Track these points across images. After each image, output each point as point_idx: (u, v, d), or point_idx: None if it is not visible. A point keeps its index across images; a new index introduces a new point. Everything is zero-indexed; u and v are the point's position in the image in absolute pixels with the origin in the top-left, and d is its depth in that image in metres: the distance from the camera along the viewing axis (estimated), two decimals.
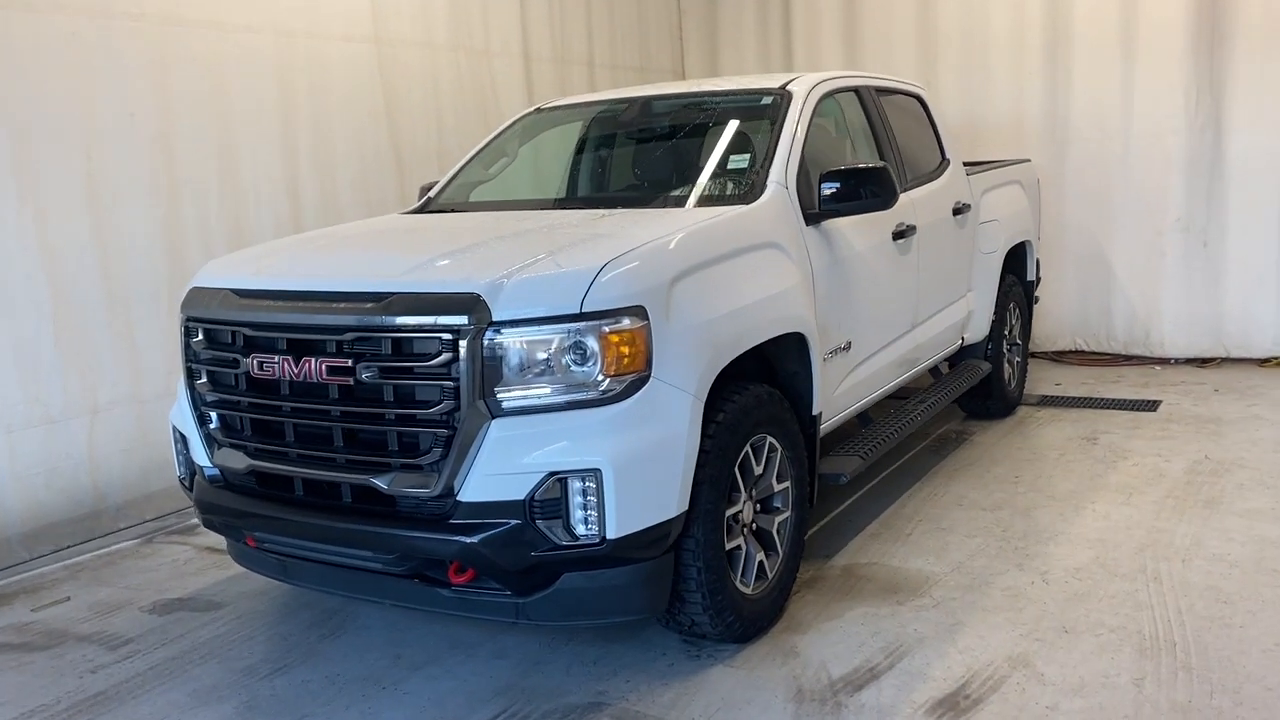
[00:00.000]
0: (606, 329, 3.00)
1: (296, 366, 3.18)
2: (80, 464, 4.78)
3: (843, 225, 4.22)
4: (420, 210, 4.72)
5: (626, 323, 3.02)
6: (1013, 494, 4.96)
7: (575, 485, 2.98)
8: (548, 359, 3.01)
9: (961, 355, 5.95)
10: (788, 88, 4.46)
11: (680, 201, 4.04)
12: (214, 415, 3.50)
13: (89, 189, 4.74)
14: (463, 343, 2.96)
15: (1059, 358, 7.99)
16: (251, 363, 3.28)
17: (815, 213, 4.05)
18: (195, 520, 5.12)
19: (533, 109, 5.12)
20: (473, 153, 4.98)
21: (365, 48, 6.04)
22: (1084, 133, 7.74)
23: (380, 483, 3.11)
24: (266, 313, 3.27)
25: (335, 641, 3.76)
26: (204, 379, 3.50)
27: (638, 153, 4.57)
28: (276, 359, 3.22)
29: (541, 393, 3.02)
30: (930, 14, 8.17)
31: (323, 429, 3.25)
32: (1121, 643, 3.44)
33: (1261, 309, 7.39)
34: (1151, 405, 6.53)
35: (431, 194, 4.82)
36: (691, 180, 4.19)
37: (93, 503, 4.84)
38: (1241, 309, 7.45)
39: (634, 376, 3.04)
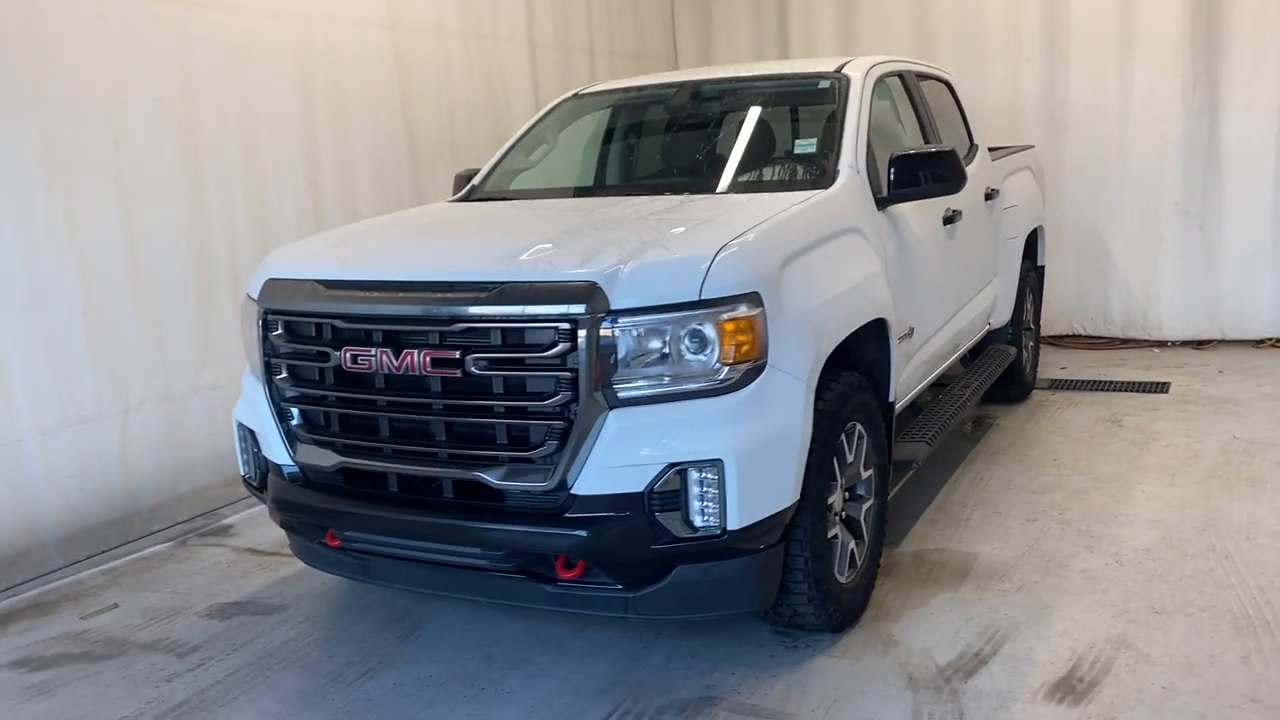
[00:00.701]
0: (724, 316, 2.93)
1: (396, 359, 3.06)
2: (112, 466, 4.59)
3: (905, 210, 4.20)
4: (466, 199, 4.60)
5: (743, 309, 2.96)
6: (1058, 477, 4.99)
7: (694, 476, 2.92)
8: (665, 348, 2.93)
9: (986, 340, 5.97)
10: (844, 71, 4.41)
11: (755, 187, 3.99)
12: (296, 411, 3.37)
13: (117, 178, 4.54)
14: (581, 332, 2.88)
15: (1057, 342, 8.08)
16: (344, 356, 3.15)
17: (884, 197, 4.02)
18: (228, 520, 5.00)
19: (570, 94, 5.02)
20: (513, 140, 4.87)
21: (380, 33, 5.88)
22: (1082, 119, 7.82)
23: (490, 477, 3.02)
24: (362, 304, 3.14)
25: (416, 642, 3.65)
26: (284, 374, 3.36)
27: (696, 138, 4.49)
28: (373, 352, 3.10)
29: (659, 382, 2.95)
30: (925, 1, 8.19)
31: (422, 423, 3.14)
32: (1216, 622, 3.46)
33: (1257, 291, 7.54)
34: (1162, 387, 6.63)
35: (475, 181, 4.70)
36: (760, 165, 4.13)
37: (125, 505, 4.65)
38: (1237, 291, 7.60)
39: (750, 365, 2.98)
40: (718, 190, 4.00)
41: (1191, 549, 4.06)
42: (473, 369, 2.98)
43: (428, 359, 3.03)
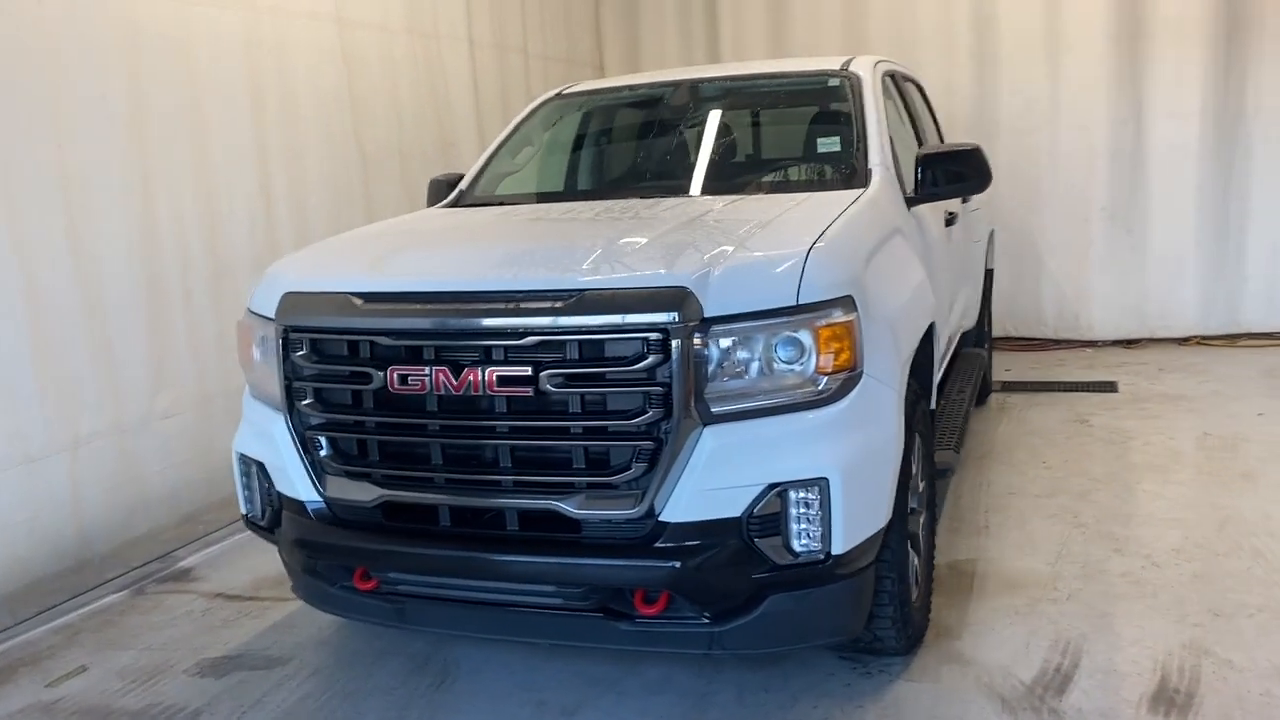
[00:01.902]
0: (820, 322, 2.71)
1: (455, 378, 2.73)
2: (63, 508, 4.06)
3: (924, 211, 4.08)
4: (456, 204, 4.26)
5: (838, 314, 2.75)
6: (1054, 479, 4.96)
7: (796, 497, 2.69)
8: (759, 357, 2.70)
9: (960, 344, 5.93)
10: (851, 69, 4.27)
11: (784, 187, 3.80)
12: (324, 440, 2.98)
13: (62, 183, 4.03)
14: (674, 343, 2.61)
15: (993, 344, 8.16)
16: (390, 377, 2.80)
17: (911, 197, 3.88)
18: (185, 564, 4.52)
19: (553, 94, 4.73)
20: (498, 142, 4.55)
21: (328, 28, 5.46)
22: (1013, 125, 7.95)
23: (566, 506, 2.72)
24: (412, 318, 2.79)
25: (451, 691, 3.30)
26: (310, 399, 2.97)
27: (713, 137, 4.25)
28: (426, 371, 2.76)
29: (754, 395, 2.70)
30: (858, 5, 8.20)
31: (482, 449, 2.82)
32: (1278, 621, 3.43)
33: (1182, 291, 7.79)
34: (1110, 386, 6.74)
35: (463, 186, 4.36)
36: (785, 165, 3.95)
37: (77, 552, 4.12)
38: (1164, 292, 7.83)
39: (847, 374, 2.76)
40: (751, 190, 3.79)
41: (1220, 547, 4.04)
42: (547, 386, 2.68)
43: (493, 376, 2.71)
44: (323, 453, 2.99)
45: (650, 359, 2.63)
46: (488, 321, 2.73)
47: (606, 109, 4.65)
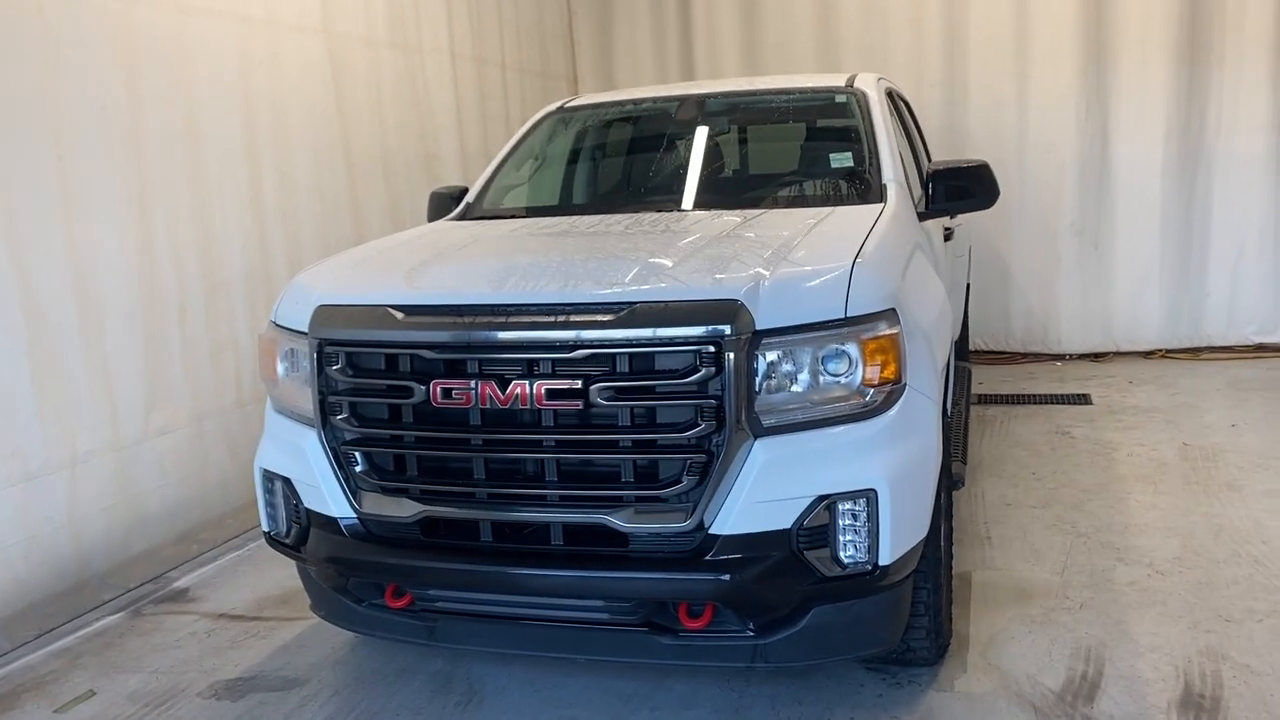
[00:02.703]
0: (866, 335, 2.73)
1: (502, 392, 2.70)
2: (61, 527, 3.93)
3: (930, 226, 4.14)
4: (464, 217, 4.23)
5: (884, 326, 2.77)
6: (1047, 490, 5.04)
7: (844, 508, 2.71)
8: (808, 370, 2.71)
9: None
10: (855, 85, 4.33)
11: (801, 201, 3.83)
12: (359, 455, 2.93)
13: (62, 195, 3.92)
14: (728, 355, 2.61)
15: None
16: (433, 391, 2.76)
17: (922, 212, 3.94)
18: (180, 584, 4.41)
19: (555, 107, 4.73)
20: (503, 154, 4.53)
21: (316, 40, 5.39)
22: (981, 143, 8.07)
23: (616, 520, 2.70)
24: (457, 331, 2.76)
25: (481, 710, 3.26)
26: (345, 413, 2.92)
27: (723, 152, 4.28)
28: (471, 385, 2.73)
29: (803, 408, 2.72)
30: (830, 25, 8.30)
31: (527, 463, 2.79)
32: None
33: (1147, 306, 7.98)
34: (1084, 399, 6.87)
35: (470, 199, 4.32)
36: (799, 179, 3.98)
37: (75, 573, 4.00)
38: (1129, 306, 8.02)
39: (892, 385, 2.79)
40: (771, 205, 3.81)
41: (1219, 555, 4.14)
42: (598, 399, 2.66)
43: (542, 390, 2.68)
44: (358, 468, 2.94)
45: (703, 372, 2.63)
46: (537, 334, 2.71)
47: (612, 123, 4.65)
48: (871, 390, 2.75)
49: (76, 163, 3.98)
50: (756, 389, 2.67)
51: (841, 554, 2.72)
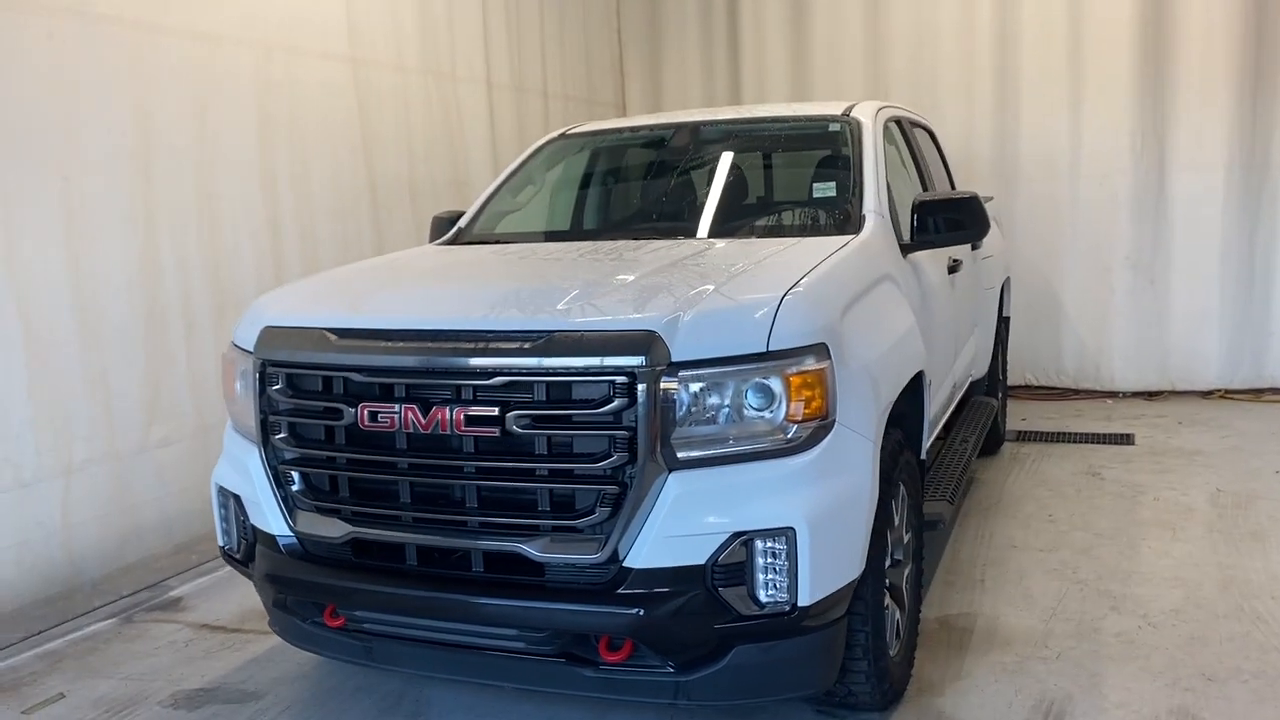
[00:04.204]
0: (791, 370, 2.68)
1: (424, 417, 2.73)
2: (53, 534, 4.09)
3: (922, 258, 4.04)
4: (453, 242, 4.29)
5: (811, 362, 2.71)
6: (1058, 533, 4.86)
7: (761, 546, 2.65)
8: (728, 404, 2.67)
9: (969, 392, 5.86)
10: (852, 115, 4.26)
11: (776, 231, 3.79)
12: (296, 475, 2.99)
13: (66, 215, 4.10)
14: (640, 386, 2.59)
15: (1011, 392, 8.05)
16: (360, 413, 2.80)
17: (907, 244, 3.85)
18: (176, 593, 4.52)
19: (556, 134, 4.76)
20: (499, 181, 4.58)
21: (342, 68, 5.55)
22: (1033, 173, 7.89)
23: (531, 549, 2.69)
24: (383, 355, 2.80)
25: None
26: (284, 433, 2.98)
27: (708, 180, 4.25)
28: (395, 408, 2.76)
29: (721, 442, 2.67)
30: (880, 54, 8.21)
31: (450, 489, 2.80)
32: (1273, 688, 3.32)
33: (1205, 343, 7.65)
34: (1127, 439, 6.61)
35: (461, 224, 4.38)
36: (778, 209, 3.94)
37: (66, 579, 4.15)
38: (1187, 343, 7.69)
39: (819, 422, 2.72)
40: (739, 235, 3.78)
41: (1220, 609, 3.93)
42: (514, 427, 2.66)
43: (461, 416, 2.70)
44: (295, 487, 3.00)
45: (616, 402, 2.61)
46: (457, 361, 2.72)
47: (606, 150, 4.66)
48: (795, 426, 2.69)
49: (81, 182, 4.15)
50: (674, 421, 2.63)
51: (759, 593, 2.66)
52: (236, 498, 3.19)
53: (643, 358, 2.59)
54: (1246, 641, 3.66)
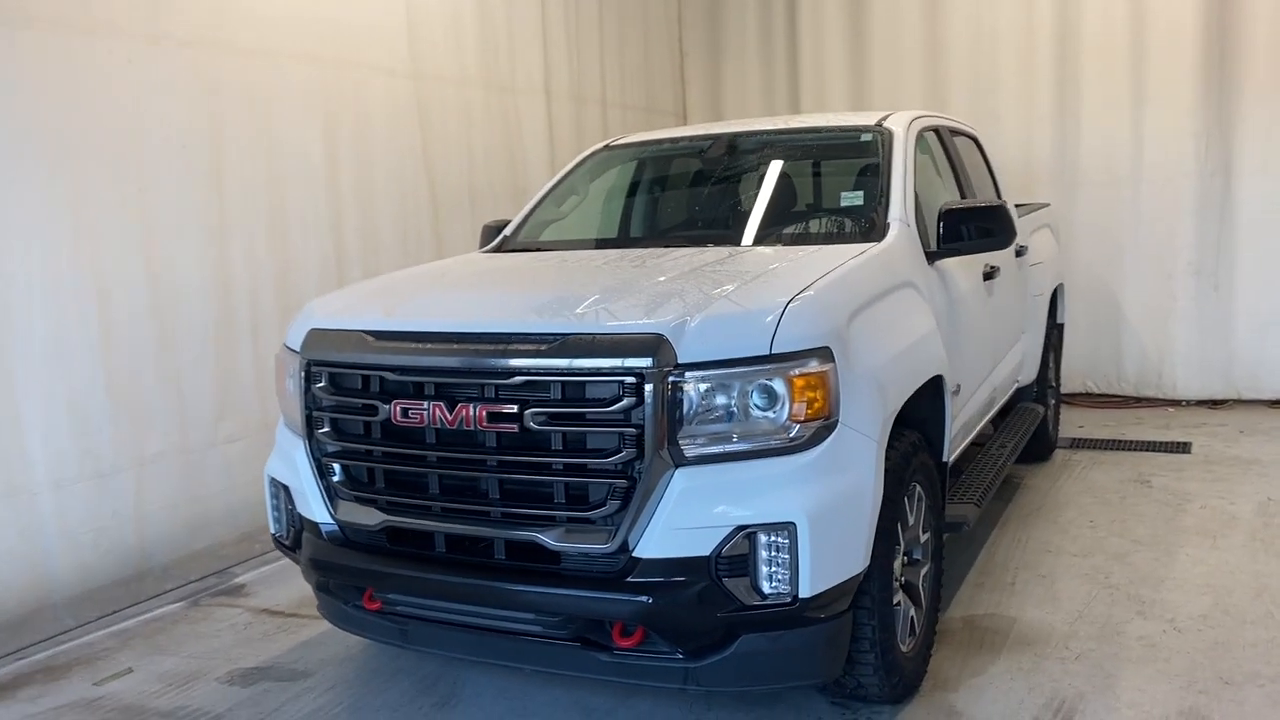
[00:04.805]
0: (794, 372, 2.81)
1: (450, 413, 2.93)
2: (126, 521, 4.40)
3: (951, 265, 4.12)
4: (499, 249, 4.50)
5: (814, 365, 2.84)
6: (1096, 539, 4.88)
7: (764, 540, 2.78)
8: (734, 404, 2.81)
9: (1015, 399, 5.88)
10: (885, 125, 4.36)
11: (803, 239, 3.91)
12: (337, 467, 3.22)
13: (143, 225, 4.42)
14: (647, 386, 2.75)
15: (1070, 400, 8.00)
16: (393, 410, 3.01)
17: (933, 251, 3.94)
18: (240, 579, 4.81)
19: (601, 145, 4.95)
20: (545, 190, 4.78)
21: (404, 82, 5.82)
22: (1094, 176, 7.83)
23: (546, 538, 2.87)
24: (414, 356, 3.01)
25: (452, 712, 3.48)
26: (327, 428, 3.21)
27: (738, 190, 4.40)
28: (425, 405, 2.97)
29: (727, 440, 2.82)
30: (939, 58, 8.23)
31: (475, 481, 3.00)
32: None
33: (1272, 351, 7.51)
34: (1184, 447, 6.55)
35: (507, 233, 4.59)
36: (807, 218, 4.06)
37: (138, 563, 4.46)
38: (1253, 351, 7.56)
39: (821, 422, 2.85)
40: (765, 243, 3.92)
41: (1250, 615, 3.94)
42: (531, 424, 2.85)
43: (483, 413, 2.89)
44: (336, 478, 3.22)
45: (625, 401, 2.77)
46: (480, 361, 2.92)
47: (646, 161, 4.83)
48: (798, 426, 2.82)
49: (157, 195, 4.46)
50: (681, 420, 2.79)
51: (762, 584, 2.80)
52: (286, 488, 3.43)
53: (650, 359, 2.76)
54: (1270, 647, 3.67)
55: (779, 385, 2.81)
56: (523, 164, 6.78)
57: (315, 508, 3.27)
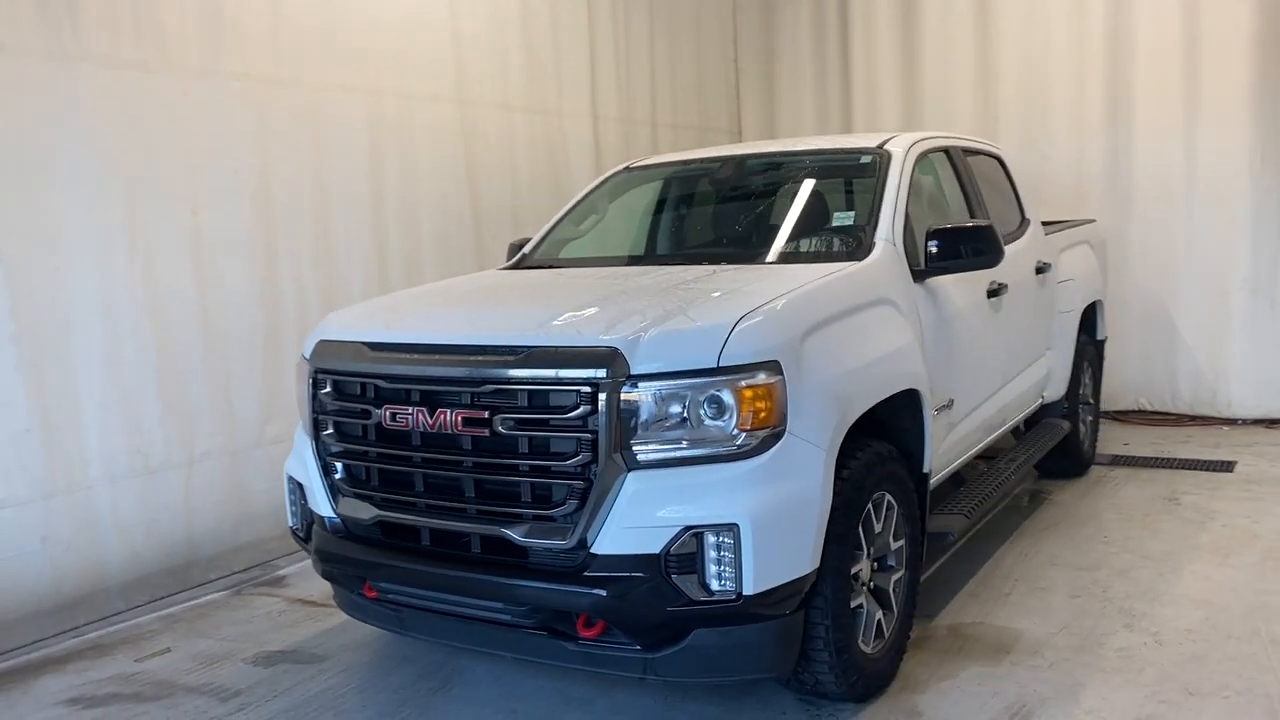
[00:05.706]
0: (742, 383, 3.02)
1: (431, 418, 3.21)
2: (177, 515, 4.81)
3: (945, 283, 4.25)
4: (516, 266, 4.78)
5: (761, 377, 3.04)
6: (1106, 554, 4.92)
7: (711, 540, 2.98)
8: (683, 413, 3.03)
9: (1040, 414, 5.92)
10: (885, 147, 4.51)
11: (791, 258, 4.09)
12: (339, 465, 3.53)
13: (194, 244, 4.83)
14: (601, 395, 2.99)
15: (1122, 417, 7.94)
16: (384, 414, 3.31)
17: (921, 270, 4.08)
18: (282, 572, 5.17)
19: (621, 167, 5.20)
20: (564, 211, 5.05)
21: (449, 108, 6.17)
22: (1147, 192, 7.76)
23: (513, 534, 3.13)
24: (401, 365, 3.31)
25: (447, 696, 3.75)
26: (330, 430, 3.53)
27: (738, 210, 4.62)
28: (410, 410, 3.26)
29: (677, 446, 3.03)
30: (990, 74, 8.26)
31: (453, 480, 3.27)
32: (1250, 706, 3.39)
33: None
34: (1227, 466, 6.47)
35: (526, 250, 4.88)
36: (798, 237, 4.24)
37: (186, 554, 4.86)
38: None
39: (769, 431, 3.05)
40: (754, 261, 4.12)
41: (1236, 631, 3.97)
42: (500, 429, 3.11)
43: (459, 418, 3.17)
44: (338, 476, 3.54)
45: (582, 409, 3.02)
46: (456, 371, 3.20)
47: (660, 182, 5.07)
48: (745, 434, 3.02)
49: (209, 216, 4.88)
50: (633, 426, 3.02)
51: (710, 581, 3.00)
52: (300, 485, 3.76)
53: (605, 370, 3.00)
54: (1247, 662, 3.70)
55: (727, 396, 3.02)
56: (568, 186, 7.07)
57: (321, 503, 3.59)
